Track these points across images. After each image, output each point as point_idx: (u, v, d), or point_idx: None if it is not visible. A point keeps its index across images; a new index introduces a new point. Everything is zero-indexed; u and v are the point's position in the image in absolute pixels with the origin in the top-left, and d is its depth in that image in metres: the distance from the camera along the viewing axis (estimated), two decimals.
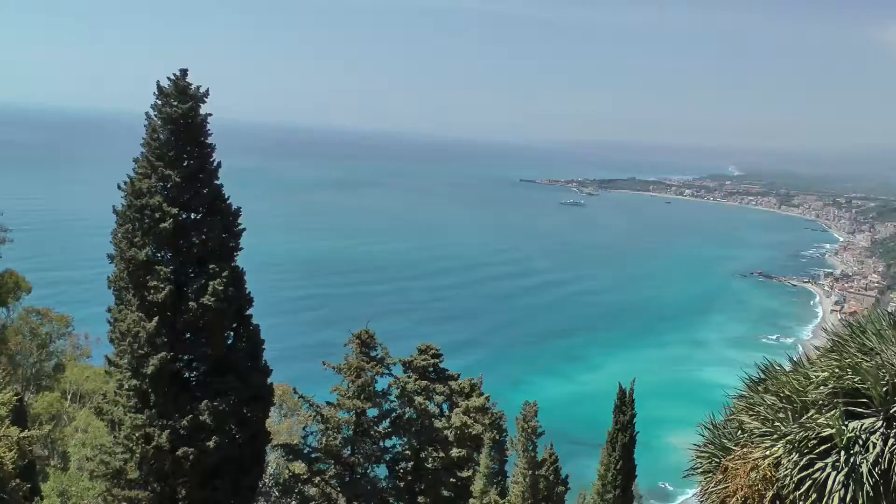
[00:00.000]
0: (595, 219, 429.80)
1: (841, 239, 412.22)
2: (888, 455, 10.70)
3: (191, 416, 28.91)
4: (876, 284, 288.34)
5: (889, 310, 13.00)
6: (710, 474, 12.86)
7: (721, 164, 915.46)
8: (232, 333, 31.28)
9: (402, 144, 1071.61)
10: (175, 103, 29.03)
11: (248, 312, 31.70)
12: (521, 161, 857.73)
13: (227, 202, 30.66)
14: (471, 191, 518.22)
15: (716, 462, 12.86)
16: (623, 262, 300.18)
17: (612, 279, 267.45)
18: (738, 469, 11.93)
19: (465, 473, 40.51)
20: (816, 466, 11.05)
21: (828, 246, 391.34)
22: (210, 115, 29.67)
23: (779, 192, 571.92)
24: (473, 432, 40.60)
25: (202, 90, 29.47)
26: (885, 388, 11.01)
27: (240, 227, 31.02)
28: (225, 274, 29.19)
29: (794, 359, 13.34)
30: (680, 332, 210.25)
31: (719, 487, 12.29)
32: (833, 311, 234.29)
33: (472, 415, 41.25)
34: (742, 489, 11.77)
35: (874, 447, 10.77)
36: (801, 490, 11.17)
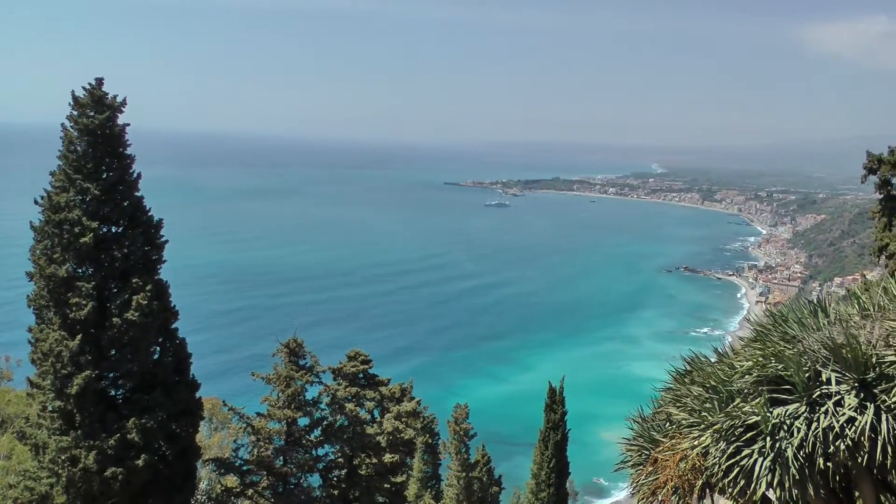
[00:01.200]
0: (521, 219, 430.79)
1: (763, 232, 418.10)
2: (812, 439, 10.90)
3: (118, 434, 28.32)
4: (799, 275, 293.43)
5: (811, 299, 13.25)
6: (640, 467, 12.98)
7: (644, 163, 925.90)
8: (158, 348, 30.72)
9: (325, 151, 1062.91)
10: (91, 113, 28.38)
11: (173, 326, 31.15)
12: (445, 164, 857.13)
13: (149, 214, 30.10)
14: (396, 195, 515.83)
15: (645, 454, 12.99)
16: (550, 262, 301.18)
17: (540, 279, 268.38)
18: (667, 460, 12.06)
19: (398, 479, 40.38)
20: (744, 453, 11.23)
21: (751, 239, 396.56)
22: (128, 124, 29.09)
23: (701, 188, 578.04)
24: (406, 437, 40.51)
25: (119, 99, 28.87)
26: (807, 375, 11.22)
27: (162, 239, 30.47)
28: (148, 288, 28.66)
29: (720, 350, 13.52)
30: (609, 328, 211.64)
31: (650, 479, 12.42)
32: (758, 302, 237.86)
33: (403, 419, 41.15)
34: (672, 479, 11.90)
35: (798, 432, 10.97)
36: (730, 477, 11.34)
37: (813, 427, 10.94)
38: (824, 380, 11.16)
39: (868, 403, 10.90)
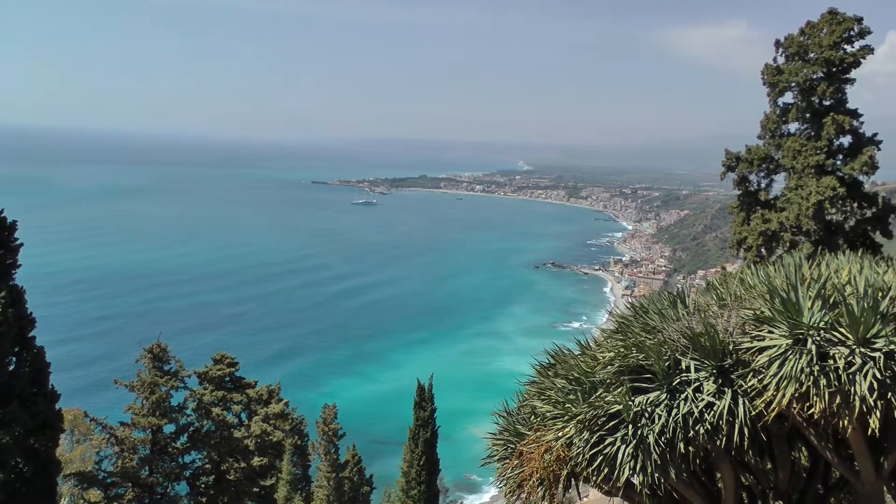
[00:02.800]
0: (388, 218, 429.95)
1: (629, 227, 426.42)
2: (672, 424, 11.14)
3: None
4: (663, 268, 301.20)
5: (672, 291, 13.51)
6: (506, 460, 13.03)
7: (510, 160, 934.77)
8: (14, 358, 29.53)
9: (191, 149, 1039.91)
10: None
11: (30, 335, 30.00)
12: (311, 162, 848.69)
13: (2, 215, 28.94)
14: (264, 194, 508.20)
15: (511, 448, 13.05)
16: (419, 260, 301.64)
17: (409, 277, 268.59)
18: (532, 452, 12.14)
19: (268, 482, 39.89)
20: (607, 442, 11.40)
21: (616, 234, 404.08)
22: None
23: (567, 185, 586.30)
24: (274, 439, 40.06)
25: None
26: (667, 363, 11.43)
27: (17, 243, 29.31)
28: (2, 294, 27.56)
29: (583, 343, 13.67)
30: (478, 325, 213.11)
31: (516, 472, 12.48)
32: (624, 295, 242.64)
33: (271, 422, 40.69)
34: (537, 471, 11.98)
35: (659, 418, 11.19)
36: (594, 465, 11.49)
37: (673, 413, 11.17)
38: (684, 368, 11.42)
39: (726, 389, 11.20)
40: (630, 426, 11.29)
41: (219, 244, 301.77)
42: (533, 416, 13.05)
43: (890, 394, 10.18)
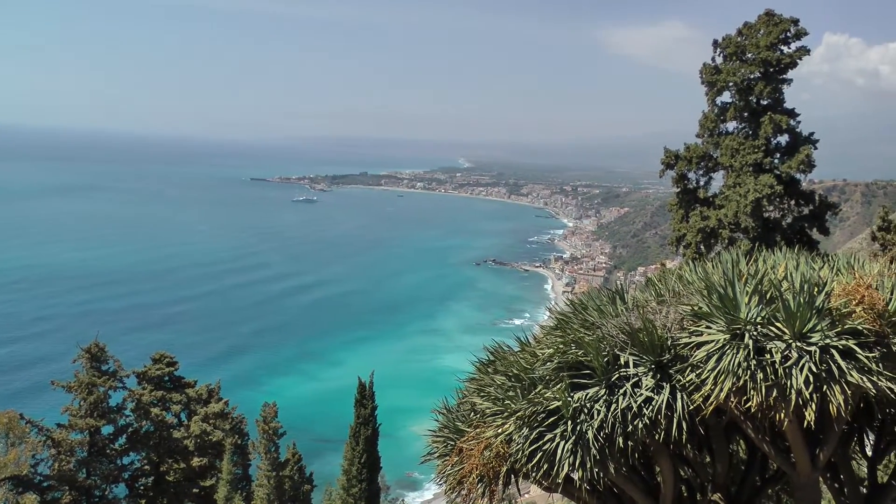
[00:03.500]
0: (329, 215, 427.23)
1: (569, 224, 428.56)
2: (611, 420, 11.20)
3: None
4: (604, 265, 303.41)
5: (612, 287, 13.56)
6: (446, 457, 13.00)
7: (451, 157, 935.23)
8: None
9: (124, 145, 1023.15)
10: None
11: None
12: (251, 160, 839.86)
13: None
14: (203, 192, 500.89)
15: (451, 445, 13.01)
16: (359, 258, 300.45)
17: (350, 275, 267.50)
18: (472, 449, 12.12)
19: (207, 482, 39.53)
20: (546, 438, 11.41)
21: (557, 231, 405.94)
22: None
23: (508, 182, 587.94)
24: (214, 439, 39.68)
25: None
26: (606, 359, 11.48)
27: None
28: None
29: (522, 339, 13.68)
30: (419, 322, 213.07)
31: (455, 469, 12.45)
32: (565, 292, 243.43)
33: (211, 421, 40.30)
34: (477, 468, 11.97)
35: (598, 414, 11.24)
36: (533, 461, 11.51)
37: (612, 408, 11.22)
38: (622, 363, 11.46)
39: (664, 383, 11.29)
40: (569, 422, 11.31)
41: (158, 243, 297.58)
42: (473, 413, 13.05)
43: (825, 387, 10.31)
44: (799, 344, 10.45)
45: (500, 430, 11.89)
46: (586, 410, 11.33)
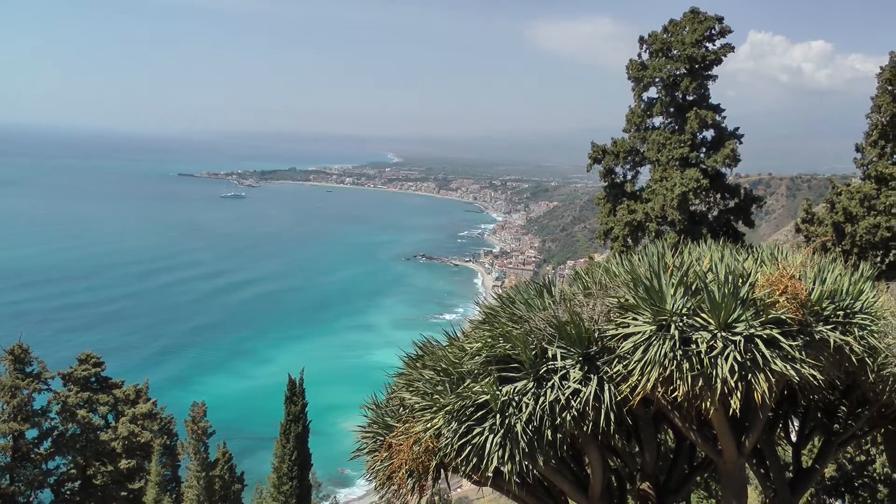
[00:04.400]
0: (258, 211, 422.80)
1: (499, 219, 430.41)
2: (540, 412, 11.25)
3: None
4: (533, 259, 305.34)
5: (541, 281, 13.61)
6: (376, 453, 12.96)
7: (381, 152, 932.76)
8: None
9: (55, 140, 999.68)
10: None
11: None
12: (177, 155, 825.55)
13: None
14: (129, 187, 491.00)
15: (381, 440, 12.98)
16: (288, 253, 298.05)
17: (279, 270, 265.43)
18: (401, 444, 12.09)
19: (136, 485, 39.00)
20: (475, 432, 11.43)
21: (487, 226, 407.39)
22: None
23: (437, 177, 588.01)
24: (142, 440, 39.15)
25: None
26: (534, 352, 11.52)
27: None
28: None
29: (450, 334, 13.67)
30: (349, 318, 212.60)
31: (385, 464, 12.42)
32: (495, 286, 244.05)
33: (139, 422, 39.75)
34: (406, 463, 11.96)
35: (527, 407, 11.29)
36: (463, 455, 11.51)
37: (540, 401, 11.28)
38: (550, 356, 11.53)
39: (592, 375, 11.38)
40: (498, 415, 11.35)
41: (85, 241, 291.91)
42: (402, 408, 13.02)
43: (750, 375, 10.46)
44: (724, 334, 10.58)
45: (428, 425, 11.88)
46: (515, 403, 11.37)
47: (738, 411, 10.67)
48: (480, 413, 11.47)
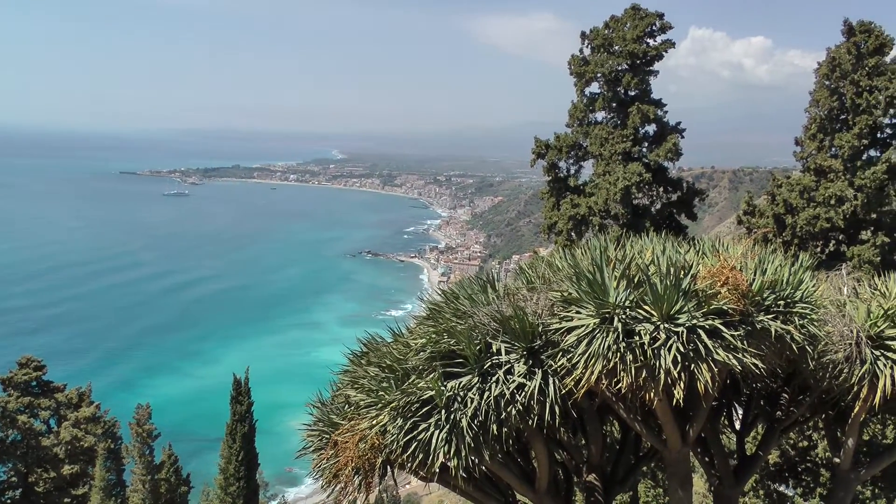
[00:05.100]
0: (201, 209, 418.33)
1: (444, 214, 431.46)
2: (485, 407, 11.27)
3: None
4: (479, 254, 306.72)
5: (483, 276, 13.62)
6: (322, 451, 12.90)
7: (325, 149, 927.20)
8: None
9: None
10: None
11: None
12: (120, 152, 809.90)
13: None
14: (69, 187, 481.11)
15: (326, 438, 12.92)
16: (232, 252, 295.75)
17: (223, 269, 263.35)
18: (347, 442, 12.05)
19: (80, 490, 38.43)
20: (420, 428, 11.43)
21: (432, 222, 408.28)
22: None
23: (381, 173, 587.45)
24: (86, 445, 38.57)
25: None
26: (478, 347, 11.52)
27: None
28: None
29: (395, 330, 13.65)
30: (295, 315, 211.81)
31: (331, 462, 12.36)
32: (440, 282, 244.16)
33: (82, 426, 39.16)
34: (352, 460, 11.93)
35: (472, 402, 11.30)
36: (409, 452, 11.51)
37: (485, 396, 11.30)
38: (495, 351, 11.54)
39: (536, 369, 11.42)
40: (443, 411, 11.36)
41: (25, 243, 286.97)
42: (347, 406, 12.99)
43: (693, 365, 10.56)
44: (667, 325, 10.67)
45: (374, 422, 11.87)
46: (460, 399, 11.38)
47: (681, 401, 10.78)
48: (426, 409, 11.47)
